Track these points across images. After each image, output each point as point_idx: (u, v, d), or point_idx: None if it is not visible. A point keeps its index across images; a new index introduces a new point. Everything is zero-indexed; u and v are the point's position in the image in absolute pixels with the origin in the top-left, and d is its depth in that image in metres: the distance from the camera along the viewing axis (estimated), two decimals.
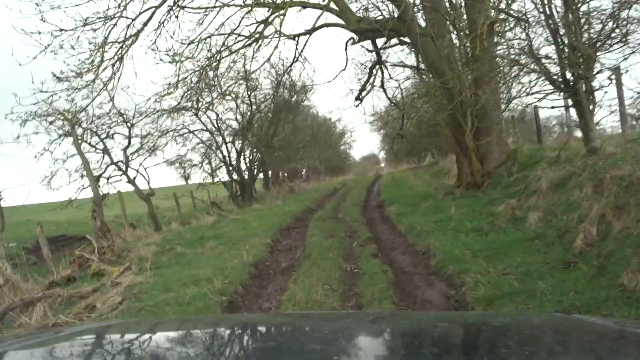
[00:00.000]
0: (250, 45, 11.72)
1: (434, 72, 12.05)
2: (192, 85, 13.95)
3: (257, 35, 11.38)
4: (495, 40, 10.08)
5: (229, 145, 22.44)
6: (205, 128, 21.93)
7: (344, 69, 20.25)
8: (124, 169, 16.23)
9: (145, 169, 17.69)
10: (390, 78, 16.61)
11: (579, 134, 10.69)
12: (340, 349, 1.32)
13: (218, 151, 22.00)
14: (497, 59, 10.21)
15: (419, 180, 21.89)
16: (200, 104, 18.41)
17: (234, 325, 1.89)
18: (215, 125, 22.30)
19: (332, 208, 17.32)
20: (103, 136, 15.86)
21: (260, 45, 11.57)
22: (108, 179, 15.93)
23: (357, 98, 15.59)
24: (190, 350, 1.42)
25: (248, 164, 23.20)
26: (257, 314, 5.31)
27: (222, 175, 22.51)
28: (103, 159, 15.91)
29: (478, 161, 12.08)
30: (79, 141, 14.51)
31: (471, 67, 10.92)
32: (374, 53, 14.27)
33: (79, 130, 14.89)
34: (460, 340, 1.52)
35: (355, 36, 12.52)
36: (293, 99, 24.19)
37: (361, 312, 4.16)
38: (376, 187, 25.49)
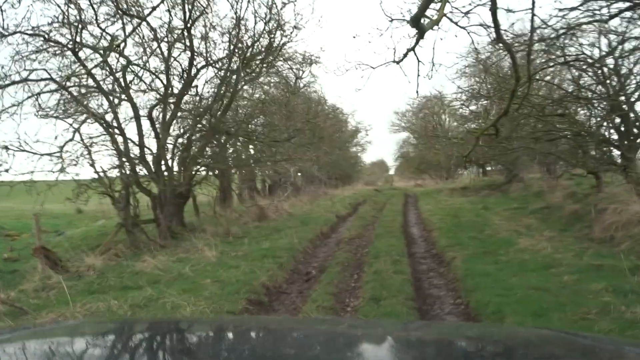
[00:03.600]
0: None
1: None
2: None
3: None
4: None
5: (142, 121, 11.51)
6: (94, 84, 11.05)
7: None
8: None
9: None
10: None
11: None
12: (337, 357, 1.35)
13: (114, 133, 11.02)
14: None
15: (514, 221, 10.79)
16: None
17: (234, 328, 1.85)
18: (120, 85, 11.42)
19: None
20: None
21: None
22: None
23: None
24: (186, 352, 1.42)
25: (180, 162, 12.15)
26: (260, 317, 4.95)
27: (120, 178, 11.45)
28: None
29: None
30: None
31: None
32: None
33: None
34: (464, 353, 1.52)
35: None
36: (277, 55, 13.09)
37: (364, 321, 3.90)
38: (431, 233, 14.26)
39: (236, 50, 11.09)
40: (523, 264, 6.78)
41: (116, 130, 11.35)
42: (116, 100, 11.96)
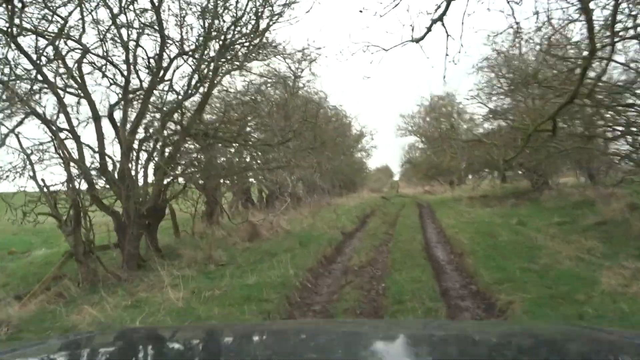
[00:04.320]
0: None
1: None
2: None
3: None
4: None
5: (102, 122, 9.30)
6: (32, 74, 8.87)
7: None
8: None
9: None
10: None
11: None
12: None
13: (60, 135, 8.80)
14: None
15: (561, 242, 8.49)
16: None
17: (239, 334, 1.90)
18: (73, 77, 9.24)
19: None
20: None
21: None
22: None
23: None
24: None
25: (146, 172, 9.87)
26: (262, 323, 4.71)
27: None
28: None
29: None
30: None
31: None
32: None
33: None
34: (459, 348, 1.55)
35: None
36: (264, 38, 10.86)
37: (367, 321, 4.25)
38: (462, 258, 11.90)
39: (212, 31, 8.85)
40: (626, 320, 4.50)
41: (66, 134, 9.14)
42: (74, 100, 9.81)
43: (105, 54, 8.80)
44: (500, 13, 7.44)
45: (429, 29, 6.98)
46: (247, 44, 9.37)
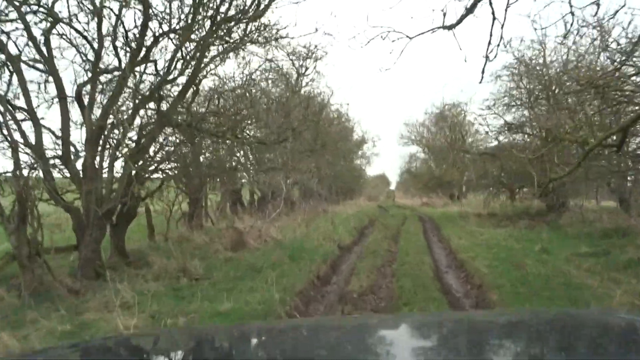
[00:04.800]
0: None
1: None
2: None
3: None
4: None
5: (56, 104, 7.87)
6: None
7: None
8: None
9: None
10: None
11: None
12: (348, 354, 1.38)
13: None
14: None
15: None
16: None
17: (248, 334, 1.87)
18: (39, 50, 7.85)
19: None
20: None
21: None
22: None
23: None
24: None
25: (111, 164, 8.37)
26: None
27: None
28: None
29: None
30: None
31: None
32: None
33: None
34: (470, 338, 1.55)
35: None
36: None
37: (368, 315, 4.41)
38: (484, 292, 10.43)
39: (202, 7, 7.43)
40: None
41: (25, 115, 7.73)
42: (41, 76, 8.42)
43: (70, 19, 7.36)
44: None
45: (469, 10, 5.59)
46: (244, 20, 7.94)
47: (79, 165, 8.09)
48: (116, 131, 7.71)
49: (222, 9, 7.60)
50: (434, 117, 25.09)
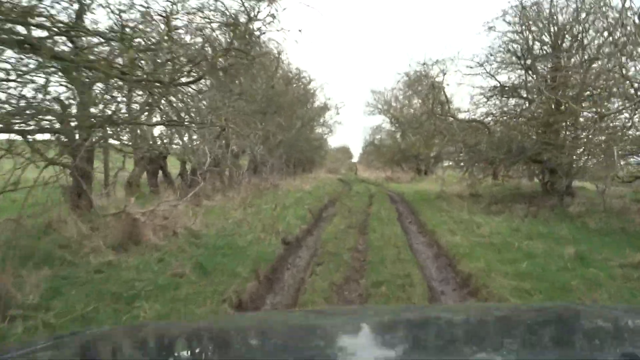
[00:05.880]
0: None
1: None
2: None
3: None
4: None
5: None
6: None
7: None
8: None
9: None
10: None
11: None
12: (342, 345, 1.34)
13: None
14: None
15: None
16: None
17: (241, 326, 1.78)
18: None
19: None
20: None
21: None
22: None
23: None
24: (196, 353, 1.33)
25: None
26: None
27: None
28: None
29: None
30: None
31: None
32: None
33: None
34: (465, 331, 1.50)
35: None
36: None
37: (361, 307, 4.02)
38: None
39: None
40: None
41: None
42: None
43: None
44: None
45: None
46: None
47: None
48: None
49: None
50: (407, 80, 21.68)
